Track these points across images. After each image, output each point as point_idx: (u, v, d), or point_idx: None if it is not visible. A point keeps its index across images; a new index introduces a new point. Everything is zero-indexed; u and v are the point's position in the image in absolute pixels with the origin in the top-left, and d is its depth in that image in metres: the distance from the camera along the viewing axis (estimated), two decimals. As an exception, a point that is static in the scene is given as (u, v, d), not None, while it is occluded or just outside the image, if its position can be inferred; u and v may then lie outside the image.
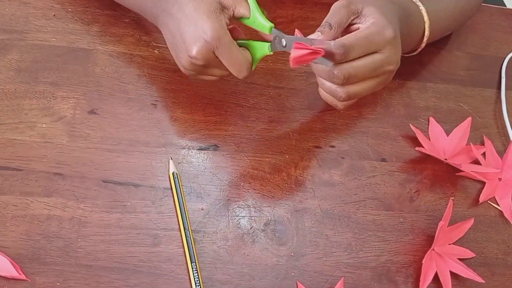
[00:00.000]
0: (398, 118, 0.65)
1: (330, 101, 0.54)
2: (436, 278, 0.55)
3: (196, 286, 0.51)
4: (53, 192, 0.53)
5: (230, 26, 0.54)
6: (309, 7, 0.71)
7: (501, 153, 0.65)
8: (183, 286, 0.51)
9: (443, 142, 0.64)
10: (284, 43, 0.52)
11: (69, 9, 0.64)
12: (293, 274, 0.54)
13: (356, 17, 0.52)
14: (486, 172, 0.62)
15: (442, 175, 0.63)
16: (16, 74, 0.59)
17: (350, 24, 0.52)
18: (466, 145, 0.64)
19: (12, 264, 0.49)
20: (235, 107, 0.62)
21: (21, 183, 0.53)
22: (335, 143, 0.62)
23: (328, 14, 0.52)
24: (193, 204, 0.56)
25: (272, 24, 0.53)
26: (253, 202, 0.57)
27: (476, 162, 0.63)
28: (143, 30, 0.64)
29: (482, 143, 0.65)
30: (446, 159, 0.62)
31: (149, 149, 0.57)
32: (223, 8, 0.52)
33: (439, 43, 0.73)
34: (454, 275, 0.56)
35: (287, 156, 0.60)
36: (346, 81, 0.49)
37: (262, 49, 0.54)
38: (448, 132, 0.65)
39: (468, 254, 0.57)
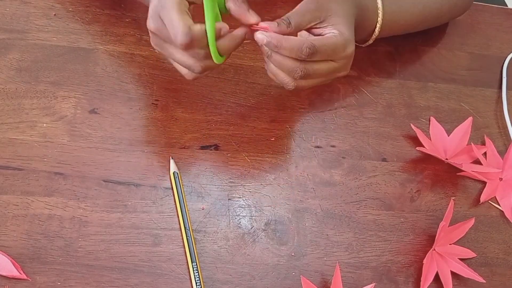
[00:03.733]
0: (399, 117, 0.65)
1: (281, 80, 0.53)
2: (437, 278, 0.55)
3: (196, 285, 0.51)
4: (54, 191, 0.53)
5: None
6: (310, 6, 0.70)
7: (502, 153, 0.65)
8: (183, 286, 0.51)
9: (444, 142, 0.64)
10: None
11: (70, 9, 0.64)
12: (293, 273, 0.54)
13: (319, 23, 0.52)
14: (487, 172, 0.62)
15: (443, 175, 0.62)
16: (17, 73, 0.59)
17: (311, 27, 0.53)
18: (467, 145, 0.64)
19: (12, 263, 0.49)
20: (236, 107, 0.62)
21: (22, 182, 0.53)
22: (336, 143, 0.62)
23: (293, 10, 0.52)
24: (194, 204, 0.56)
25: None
26: (254, 202, 0.57)
27: (477, 162, 0.63)
28: (144, 29, 0.64)
29: (483, 143, 0.65)
30: (447, 159, 0.62)
31: (150, 149, 0.57)
32: None
33: (439, 43, 0.73)
34: (455, 275, 0.56)
35: (287, 156, 0.60)
36: (302, 78, 0.51)
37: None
38: (449, 132, 0.65)
39: (469, 254, 0.57)
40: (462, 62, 0.72)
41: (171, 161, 0.57)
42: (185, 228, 0.53)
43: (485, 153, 0.64)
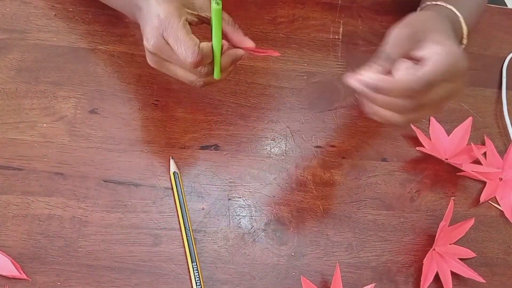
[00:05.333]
0: (399, 118, 0.65)
1: (383, 120, 0.48)
2: (437, 278, 0.55)
3: (196, 285, 0.51)
4: (54, 191, 0.53)
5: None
6: (310, 7, 0.70)
7: (502, 153, 0.65)
8: (183, 286, 0.51)
9: (444, 142, 0.64)
10: None
11: (70, 9, 0.64)
12: (293, 273, 0.54)
13: (417, 44, 0.46)
14: (487, 172, 0.62)
15: (443, 175, 0.62)
16: (17, 73, 0.59)
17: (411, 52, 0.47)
18: (467, 145, 0.64)
19: (13, 263, 0.49)
20: (235, 107, 0.62)
21: (22, 182, 0.53)
22: (336, 143, 0.62)
23: (388, 42, 0.46)
24: (194, 204, 0.56)
25: None
26: (254, 202, 0.57)
27: (477, 162, 0.63)
28: (144, 29, 0.64)
29: (483, 143, 0.65)
30: (447, 159, 0.62)
31: (150, 149, 0.57)
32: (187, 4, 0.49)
33: (440, 43, 0.73)
34: (454, 275, 0.56)
35: (287, 156, 0.60)
36: (415, 112, 0.46)
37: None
38: (449, 132, 0.65)
39: (469, 254, 0.57)
40: (462, 62, 0.72)
41: (171, 161, 0.57)
42: (185, 228, 0.53)
43: (485, 153, 0.64)
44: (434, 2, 0.57)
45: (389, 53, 0.46)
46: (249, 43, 0.51)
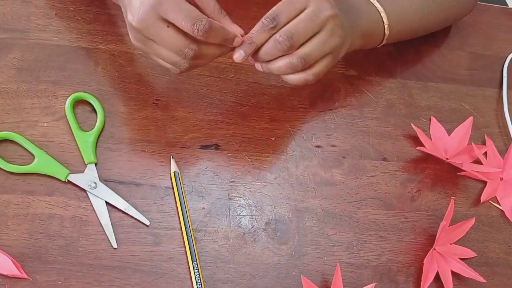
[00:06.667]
0: (399, 117, 0.65)
1: (297, 80, 0.53)
2: (437, 278, 0.55)
3: (197, 285, 0.51)
4: (55, 191, 0.53)
5: None
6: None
7: (503, 153, 0.65)
8: (184, 285, 0.51)
9: (445, 141, 0.64)
10: None
11: (71, 8, 0.64)
12: (294, 273, 0.54)
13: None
14: (487, 172, 0.62)
15: (444, 174, 0.62)
16: (17, 73, 0.59)
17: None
18: (467, 144, 0.64)
19: (13, 262, 0.49)
20: (236, 106, 0.62)
21: (23, 182, 0.53)
22: (336, 142, 0.62)
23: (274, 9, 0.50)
24: (194, 203, 0.56)
25: None
26: (254, 201, 0.57)
27: (478, 161, 0.63)
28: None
29: (484, 143, 0.65)
30: (447, 159, 0.62)
31: (151, 148, 0.57)
32: None
33: (440, 43, 0.73)
34: (455, 275, 0.56)
35: (288, 155, 0.60)
36: (292, 41, 0.49)
37: None
38: (449, 132, 0.65)
39: (469, 253, 0.57)
40: (463, 61, 0.72)
41: (172, 161, 0.57)
42: (185, 227, 0.53)
43: (485, 153, 0.64)
44: None
45: (275, 18, 0.50)
46: (238, 30, 0.51)
